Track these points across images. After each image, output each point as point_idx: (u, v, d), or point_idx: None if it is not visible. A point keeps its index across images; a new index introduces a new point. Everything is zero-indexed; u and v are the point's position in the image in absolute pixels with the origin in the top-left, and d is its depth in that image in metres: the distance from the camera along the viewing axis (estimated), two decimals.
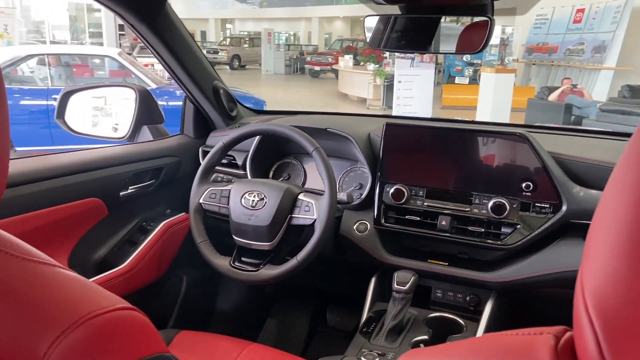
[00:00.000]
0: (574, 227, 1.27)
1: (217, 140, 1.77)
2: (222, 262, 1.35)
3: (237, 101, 1.86)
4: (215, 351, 1.33)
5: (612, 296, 0.33)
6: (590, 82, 11.08)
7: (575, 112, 8.30)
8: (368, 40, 1.29)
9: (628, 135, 1.51)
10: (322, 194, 1.31)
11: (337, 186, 1.56)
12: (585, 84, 10.61)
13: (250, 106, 1.98)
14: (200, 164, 1.78)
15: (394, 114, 8.87)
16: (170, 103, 5.40)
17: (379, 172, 1.44)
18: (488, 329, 1.27)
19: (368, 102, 12.11)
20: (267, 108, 6.50)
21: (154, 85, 5.92)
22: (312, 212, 1.28)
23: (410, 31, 1.27)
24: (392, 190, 1.41)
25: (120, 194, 1.48)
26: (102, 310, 0.53)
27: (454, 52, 1.19)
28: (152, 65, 9.59)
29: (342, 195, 1.33)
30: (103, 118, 1.78)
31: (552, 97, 8.78)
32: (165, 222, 1.59)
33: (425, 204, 1.39)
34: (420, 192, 1.40)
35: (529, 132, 1.32)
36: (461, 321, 1.30)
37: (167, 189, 1.68)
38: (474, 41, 1.07)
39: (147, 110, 1.71)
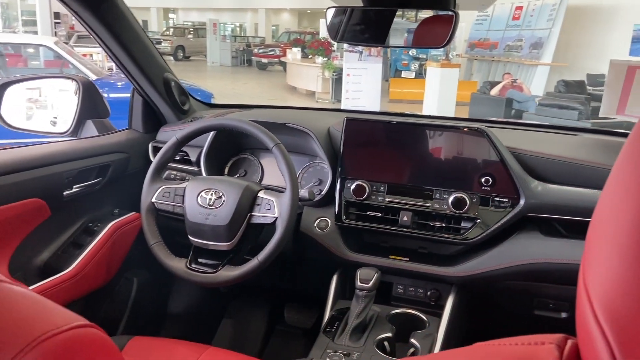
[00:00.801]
0: (531, 221, 1.30)
1: (169, 135, 1.69)
2: (177, 265, 1.28)
3: (189, 94, 1.78)
4: (172, 357, 1.26)
5: (626, 305, 0.32)
6: (528, 77, 11.54)
7: (516, 106, 8.63)
8: (327, 31, 1.26)
9: (578, 129, 1.55)
10: (282, 191, 1.27)
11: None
12: (524, 78, 11.04)
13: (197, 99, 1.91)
14: (150, 160, 1.69)
15: (342, 107, 8.92)
16: (111, 95, 5.17)
17: (340, 167, 1.42)
18: (450, 324, 1.28)
19: (317, 95, 12.10)
20: (215, 101, 6.37)
21: (94, 77, 5.66)
22: (273, 210, 1.24)
23: (370, 23, 1.25)
24: (353, 186, 1.39)
25: (64, 193, 1.38)
26: (56, 330, 0.48)
27: (418, 46, 1.18)
28: (91, 55, 9.18)
29: (303, 192, 1.30)
30: (38, 111, 1.66)
31: (494, 91, 9.09)
32: (113, 223, 1.50)
33: (387, 199, 1.38)
34: (382, 188, 1.39)
35: (487, 127, 1.34)
36: (424, 317, 1.30)
37: (115, 187, 1.59)
38: (437, 35, 1.05)
39: (92, 103, 1.61)
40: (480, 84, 10.63)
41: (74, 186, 1.42)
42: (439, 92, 8.73)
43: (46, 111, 1.65)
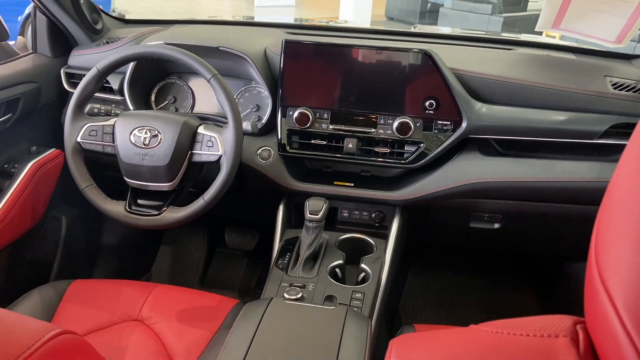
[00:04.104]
0: (471, 142, 1.33)
1: (83, 59, 1.52)
2: (116, 208, 1.20)
3: (101, 10, 1.57)
4: (119, 299, 1.23)
5: None
6: None
7: None
8: None
9: (512, 43, 1.56)
10: (223, 124, 1.19)
11: None
12: None
13: None
14: (63, 88, 1.52)
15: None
16: None
17: (281, 94, 1.35)
18: (395, 245, 1.33)
19: None
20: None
21: None
22: (216, 147, 1.17)
23: None
24: (296, 115, 1.34)
25: None
26: (29, 350, 0.43)
27: None
28: None
29: (246, 125, 1.22)
30: None
31: None
32: (33, 162, 1.37)
33: (331, 127, 1.34)
34: (325, 115, 1.34)
35: (431, 42, 1.30)
36: (371, 240, 1.34)
37: (28, 122, 1.42)
38: None
39: None
40: None
41: None
42: None
43: None
